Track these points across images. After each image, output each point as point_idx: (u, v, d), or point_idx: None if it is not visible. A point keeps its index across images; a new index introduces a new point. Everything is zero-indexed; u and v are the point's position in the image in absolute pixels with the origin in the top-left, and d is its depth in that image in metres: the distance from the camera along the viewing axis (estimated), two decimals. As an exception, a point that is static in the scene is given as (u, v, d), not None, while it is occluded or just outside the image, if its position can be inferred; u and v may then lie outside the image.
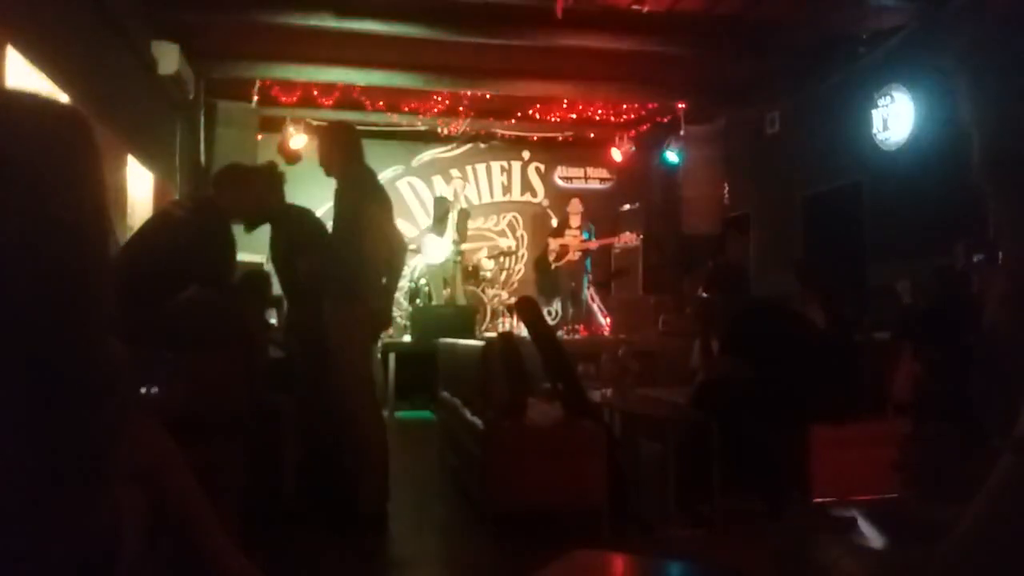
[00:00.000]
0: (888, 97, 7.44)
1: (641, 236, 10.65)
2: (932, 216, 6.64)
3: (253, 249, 7.75)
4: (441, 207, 10.25)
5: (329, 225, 4.25)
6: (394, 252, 4.22)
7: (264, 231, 4.36)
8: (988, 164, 0.88)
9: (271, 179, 4.31)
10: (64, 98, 4.79)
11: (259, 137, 9.18)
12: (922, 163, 6.93)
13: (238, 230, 3.99)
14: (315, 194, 5.68)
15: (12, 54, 4.14)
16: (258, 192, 4.14)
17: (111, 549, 1.33)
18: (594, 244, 10.42)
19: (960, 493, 0.90)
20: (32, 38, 4.37)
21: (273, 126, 9.85)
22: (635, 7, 6.97)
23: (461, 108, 10.41)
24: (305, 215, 4.41)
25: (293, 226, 4.27)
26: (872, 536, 1.09)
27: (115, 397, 1.24)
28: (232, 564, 1.85)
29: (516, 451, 3.91)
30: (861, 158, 7.79)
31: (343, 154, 4.09)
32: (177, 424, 1.93)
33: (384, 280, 4.15)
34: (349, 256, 3.93)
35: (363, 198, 4.00)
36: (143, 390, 2.96)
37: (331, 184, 4.20)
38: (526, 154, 12.13)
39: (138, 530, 1.58)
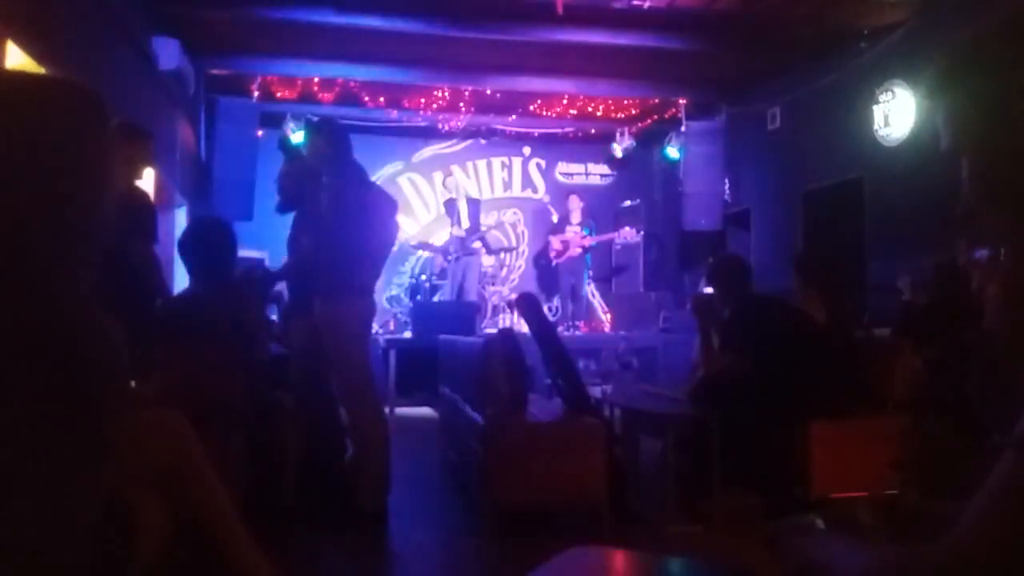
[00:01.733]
0: (889, 93, 7.43)
1: (642, 232, 10.65)
2: (933, 212, 6.63)
3: (254, 245, 7.77)
4: (451, 207, 10.20)
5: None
6: (386, 244, 4.26)
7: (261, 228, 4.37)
8: (981, 183, 0.88)
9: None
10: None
11: (260, 133, 9.17)
12: (923, 159, 6.92)
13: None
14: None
15: (12, 49, 4.14)
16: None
17: (122, 547, 1.33)
18: (590, 240, 10.42)
19: (960, 490, 0.90)
20: (32, 33, 4.37)
21: (274, 121, 9.84)
22: (636, 3, 6.96)
23: (462, 104, 10.41)
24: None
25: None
26: (872, 532, 1.09)
27: (115, 387, 1.24)
28: (259, 567, 1.85)
29: (516, 447, 3.91)
30: (862, 154, 7.79)
31: (331, 149, 4.10)
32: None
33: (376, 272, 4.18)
34: (341, 250, 3.93)
35: (353, 192, 4.01)
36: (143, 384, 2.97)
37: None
38: (527, 150, 12.13)
39: (157, 532, 1.58)
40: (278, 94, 9.85)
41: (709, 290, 4.91)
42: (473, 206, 10.20)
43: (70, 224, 1.16)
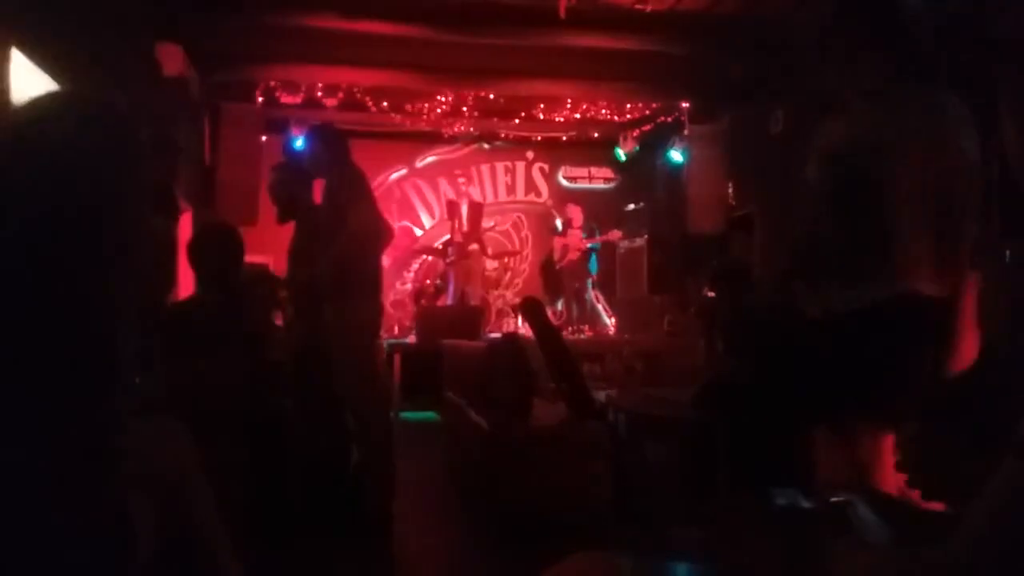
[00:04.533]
0: (892, 96, 7.42)
1: (646, 235, 10.66)
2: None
3: (259, 250, 7.78)
4: (453, 210, 10.24)
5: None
6: (382, 245, 4.29)
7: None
8: None
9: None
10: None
11: (263, 138, 9.19)
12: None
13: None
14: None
15: (16, 56, 4.16)
16: None
17: (123, 544, 1.33)
18: (587, 243, 10.44)
19: (963, 494, 0.90)
20: (36, 40, 4.38)
21: (278, 127, 9.86)
22: (638, 6, 6.97)
23: (465, 109, 10.41)
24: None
25: (317, 225, 4.30)
26: (874, 536, 1.09)
27: (124, 386, 1.25)
28: None
29: (521, 452, 3.91)
30: (865, 157, 7.77)
31: (331, 154, 4.11)
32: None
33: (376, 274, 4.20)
34: (345, 254, 3.94)
35: (354, 196, 4.02)
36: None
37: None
38: (530, 154, 12.13)
39: (149, 535, 1.59)
40: (282, 100, 9.87)
41: (713, 294, 4.91)
42: (474, 210, 10.22)
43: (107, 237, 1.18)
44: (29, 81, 4.22)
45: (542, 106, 10.55)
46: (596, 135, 11.62)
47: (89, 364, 1.19)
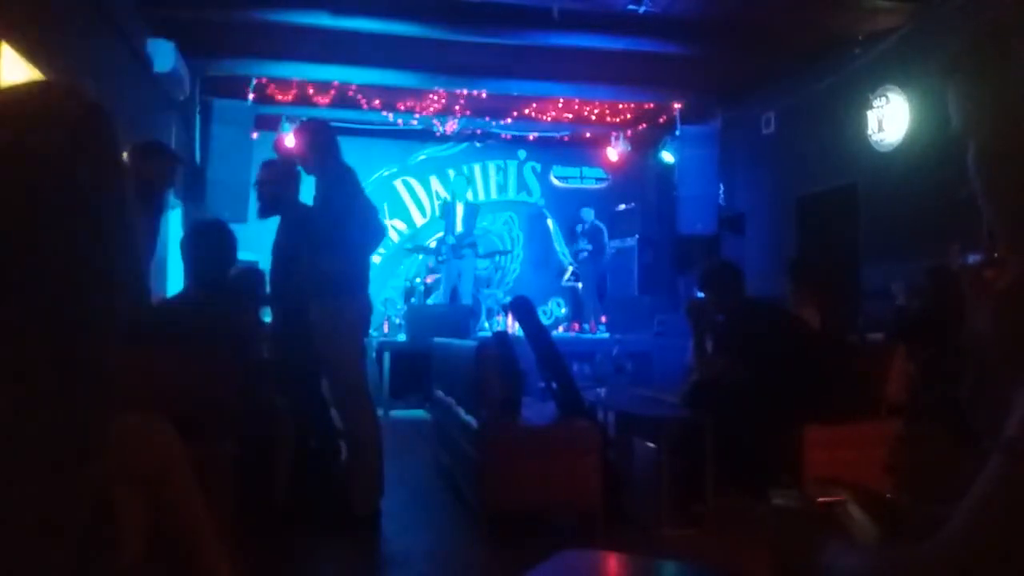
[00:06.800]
0: (883, 98, 7.45)
1: (637, 235, 10.68)
2: (926, 217, 6.66)
3: (248, 248, 7.75)
4: (448, 210, 10.24)
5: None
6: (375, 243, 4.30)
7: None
8: (982, 164, 0.89)
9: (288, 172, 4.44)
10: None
11: (255, 135, 9.16)
12: (917, 164, 6.95)
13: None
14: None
15: (7, 51, 4.13)
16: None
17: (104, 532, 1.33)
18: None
19: (950, 493, 0.90)
20: (27, 36, 4.36)
21: (269, 124, 9.83)
22: (632, 7, 6.97)
23: (457, 107, 10.40)
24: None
25: (303, 223, 4.28)
26: (862, 534, 1.09)
27: (110, 377, 1.24)
28: None
29: (510, 450, 3.91)
30: (856, 159, 7.81)
31: (320, 151, 4.10)
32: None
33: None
34: (335, 251, 3.93)
35: (344, 193, 4.01)
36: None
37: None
38: (522, 153, 12.12)
39: (137, 531, 1.58)
40: (274, 97, 9.84)
41: (703, 294, 4.92)
42: (470, 210, 10.20)
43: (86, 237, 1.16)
44: (21, 75, 4.19)
45: (535, 105, 10.55)
46: (588, 135, 11.63)
47: (74, 364, 1.18)
